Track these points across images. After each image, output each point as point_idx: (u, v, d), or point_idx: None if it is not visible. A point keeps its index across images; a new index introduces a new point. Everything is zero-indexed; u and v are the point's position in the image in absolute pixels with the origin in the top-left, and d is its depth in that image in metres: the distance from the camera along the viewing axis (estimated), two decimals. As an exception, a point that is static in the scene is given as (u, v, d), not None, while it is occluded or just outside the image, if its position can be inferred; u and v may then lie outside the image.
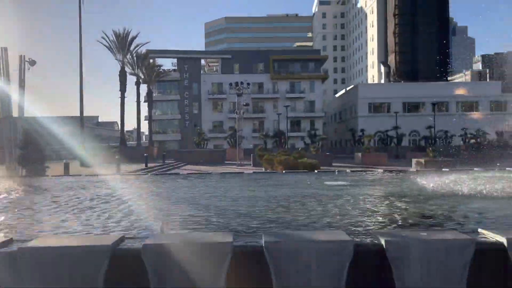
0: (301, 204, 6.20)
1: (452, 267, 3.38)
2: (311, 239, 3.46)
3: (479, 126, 58.99)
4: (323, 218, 5.10)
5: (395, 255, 3.40)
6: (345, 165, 32.41)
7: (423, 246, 3.40)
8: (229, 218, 5.27)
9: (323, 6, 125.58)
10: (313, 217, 5.15)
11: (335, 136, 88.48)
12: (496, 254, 3.44)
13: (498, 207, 6.04)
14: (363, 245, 3.49)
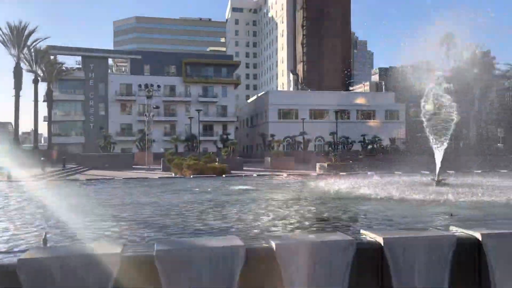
0: (200, 210, 6.17)
1: (336, 266, 3.62)
2: (204, 246, 3.46)
3: (376, 133, 64.18)
4: (219, 222, 5.13)
5: (284, 258, 3.54)
6: (255, 169, 33.13)
7: (310, 248, 3.58)
8: (124, 226, 5.06)
9: (236, 13, 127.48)
10: (209, 222, 5.16)
11: (247, 141, 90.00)
12: (374, 252, 3.75)
13: (382, 209, 6.62)
14: (255, 250, 3.57)
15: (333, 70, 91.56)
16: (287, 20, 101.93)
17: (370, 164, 33.79)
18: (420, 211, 6.39)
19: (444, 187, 9.17)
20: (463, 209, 6.38)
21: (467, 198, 7.29)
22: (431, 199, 7.38)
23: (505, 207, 6.59)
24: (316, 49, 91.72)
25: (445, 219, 5.34)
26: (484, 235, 3.76)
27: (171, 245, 3.50)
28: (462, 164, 23.11)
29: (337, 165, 27.98)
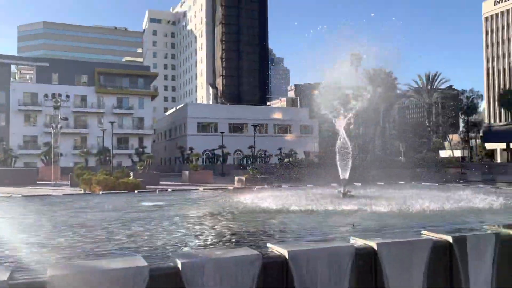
0: (103, 229, 5.83)
1: (242, 281, 3.63)
2: (103, 268, 3.26)
3: (292, 147, 66.61)
4: (125, 242, 4.91)
5: (190, 276, 3.47)
6: (172, 183, 32.36)
7: (216, 264, 3.56)
8: (12, 250, 4.59)
9: (153, 24, 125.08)
10: (113, 242, 4.91)
11: (165, 154, 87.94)
12: (280, 265, 3.84)
13: (292, 221, 6.84)
14: (159, 269, 3.46)
15: (251, 85, 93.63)
16: (206, 34, 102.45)
17: (286, 177, 34.89)
18: (326, 223, 6.70)
19: (349, 199, 9.74)
20: (365, 220, 6.82)
21: (368, 209, 7.82)
22: (337, 210, 7.79)
23: (400, 217, 7.16)
24: (235, 64, 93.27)
25: (348, 230, 5.65)
26: (379, 244, 4.04)
27: (66, 269, 3.25)
28: (368, 177, 24.80)
29: (254, 178, 28.41)
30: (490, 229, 4.64)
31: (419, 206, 7.96)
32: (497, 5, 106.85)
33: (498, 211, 7.76)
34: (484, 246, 4.34)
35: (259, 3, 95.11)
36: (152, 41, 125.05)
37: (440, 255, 4.24)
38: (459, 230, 4.87)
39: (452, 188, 13.01)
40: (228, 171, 50.40)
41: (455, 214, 7.32)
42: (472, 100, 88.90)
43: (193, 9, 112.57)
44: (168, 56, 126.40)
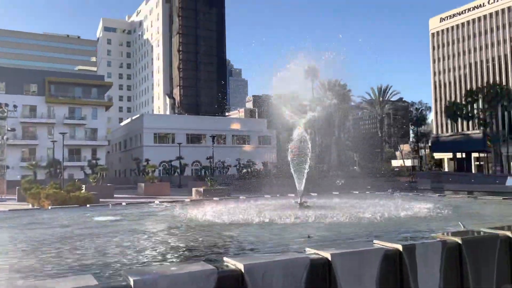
0: (54, 247, 5.55)
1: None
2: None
3: (250, 157, 66.84)
4: (76, 260, 4.70)
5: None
6: (127, 196, 31.47)
7: (170, 280, 3.48)
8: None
9: (108, 33, 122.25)
10: (64, 260, 4.69)
11: (120, 166, 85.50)
12: (236, 279, 3.81)
13: (249, 234, 6.83)
14: None
15: (209, 96, 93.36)
16: (163, 44, 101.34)
17: (244, 188, 34.95)
18: (282, 234, 6.74)
19: (305, 209, 9.88)
20: (320, 230, 6.93)
21: (323, 219, 7.96)
22: (293, 222, 7.87)
23: (354, 226, 7.34)
24: (193, 74, 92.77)
25: (304, 241, 5.72)
26: (333, 254, 4.11)
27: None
28: (324, 187, 25.28)
29: (213, 190, 28.18)
30: (438, 237, 4.84)
31: (372, 215, 8.20)
32: (443, 22, 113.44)
33: (445, 218, 8.14)
34: (432, 254, 4.52)
35: (216, 14, 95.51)
36: (107, 50, 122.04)
37: (391, 263, 4.37)
38: (409, 238, 5.05)
39: (403, 197, 13.51)
40: (186, 183, 49.71)
41: (406, 223, 7.60)
42: (421, 111, 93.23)
43: (149, 18, 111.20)
44: (123, 65, 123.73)
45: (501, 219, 7.95)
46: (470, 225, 6.48)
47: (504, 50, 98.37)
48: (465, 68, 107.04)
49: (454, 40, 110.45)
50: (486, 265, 4.75)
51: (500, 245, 4.82)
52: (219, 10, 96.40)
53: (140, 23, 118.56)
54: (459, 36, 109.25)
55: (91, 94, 75.43)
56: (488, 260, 4.76)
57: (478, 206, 10.41)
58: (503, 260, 4.84)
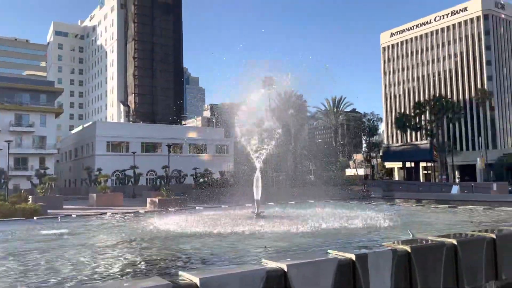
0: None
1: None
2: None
3: (207, 166, 66.22)
4: (21, 277, 4.43)
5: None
6: (77, 207, 30.15)
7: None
8: None
9: (59, 37, 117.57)
10: (7, 278, 4.41)
11: (71, 175, 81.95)
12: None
13: (205, 246, 6.75)
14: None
15: (165, 104, 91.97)
16: (117, 49, 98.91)
17: (201, 198, 34.49)
18: (239, 246, 6.72)
19: (262, 219, 9.91)
20: (276, 241, 6.98)
21: (279, 229, 8.03)
22: (250, 232, 7.87)
23: (309, 236, 7.45)
24: (149, 81, 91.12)
25: (260, 252, 5.73)
26: (289, 265, 4.15)
27: None
28: (281, 196, 25.50)
29: (168, 200, 27.57)
30: (388, 245, 5.01)
31: (327, 225, 8.37)
32: (393, 37, 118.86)
33: (396, 227, 8.45)
34: (383, 262, 4.67)
35: (174, 22, 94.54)
36: (58, 55, 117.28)
37: (345, 272, 4.48)
38: (362, 247, 5.19)
39: (357, 206, 13.90)
40: (140, 193, 48.45)
41: (359, 231, 7.82)
42: (373, 122, 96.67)
43: (103, 23, 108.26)
44: (75, 71, 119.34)
45: (447, 227, 8.36)
46: (418, 233, 6.77)
47: (449, 65, 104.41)
48: (414, 81, 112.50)
49: (404, 54, 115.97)
50: (433, 272, 4.97)
51: (446, 252, 5.07)
52: (176, 17, 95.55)
53: (94, 28, 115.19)
54: (408, 50, 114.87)
55: (39, 100, 72.04)
56: (435, 267, 4.99)
57: (426, 214, 10.89)
58: (449, 267, 5.09)
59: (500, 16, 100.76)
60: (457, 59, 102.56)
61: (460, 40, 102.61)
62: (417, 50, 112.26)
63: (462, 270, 5.17)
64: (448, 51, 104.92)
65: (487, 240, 5.49)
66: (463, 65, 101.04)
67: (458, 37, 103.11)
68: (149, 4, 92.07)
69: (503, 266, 5.54)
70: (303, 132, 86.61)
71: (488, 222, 8.81)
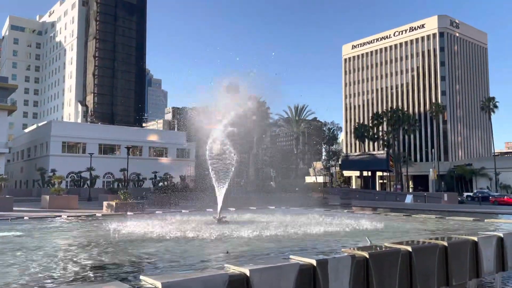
0: None
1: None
2: None
3: (167, 170, 65.26)
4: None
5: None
6: (29, 209, 28.81)
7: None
8: None
9: (15, 32, 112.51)
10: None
11: (22, 176, 78.24)
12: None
13: (167, 250, 6.66)
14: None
15: (126, 105, 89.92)
16: (77, 47, 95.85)
17: (161, 202, 33.93)
18: (201, 251, 6.68)
19: (224, 225, 9.90)
20: (238, 246, 7.00)
21: (241, 235, 8.05)
22: (212, 237, 7.85)
23: (271, 241, 7.52)
24: (109, 81, 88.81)
25: (222, 257, 5.73)
26: (251, 270, 4.19)
27: None
28: (242, 202, 25.53)
29: (126, 203, 26.90)
30: (347, 252, 5.16)
31: (288, 230, 8.48)
32: (354, 49, 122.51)
33: (354, 233, 8.69)
34: (342, 268, 4.81)
35: (137, 22, 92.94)
36: (13, 50, 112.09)
37: (306, 277, 4.57)
38: (322, 253, 5.31)
39: (316, 213, 14.16)
40: (96, 196, 47.02)
41: (319, 238, 7.98)
42: (333, 131, 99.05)
43: (63, 20, 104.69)
44: (31, 68, 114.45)
45: (402, 234, 8.69)
46: (375, 240, 6.99)
47: (406, 78, 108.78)
48: (373, 92, 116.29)
49: (364, 67, 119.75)
50: (389, 277, 5.16)
51: (402, 259, 5.28)
52: (139, 17, 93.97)
53: (53, 24, 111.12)
54: (368, 63, 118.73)
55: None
56: (391, 272, 5.19)
57: (382, 222, 11.26)
58: (404, 272, 5.30)
59: (455, 34, 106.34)
60: (413, 73, 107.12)
61: (417, 55, 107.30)
62: (377, 63, 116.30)
63: (416, 276, 5.40)
64: (405, 65, 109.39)
65: (440, 247, 5.77)
66: (419, 79, 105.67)
67: (415, 52, 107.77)
68: (112, 3, 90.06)
69: (453, 272, 5.84)
70: (265, 138, 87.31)
71: (440, 230, 9.24)
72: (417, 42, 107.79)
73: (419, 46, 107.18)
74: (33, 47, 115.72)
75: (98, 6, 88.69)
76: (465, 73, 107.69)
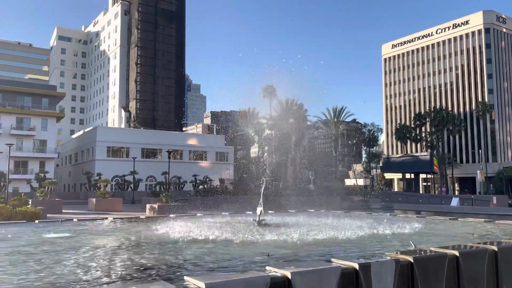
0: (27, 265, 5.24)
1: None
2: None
3: (207, 173, 66.25)
4: (20, 281, 4.47)
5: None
6: (77, 211, 30.15)
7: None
8: None
9: (62, 42, 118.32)
10: (15, 278, 4.45)
11: (70, 180, 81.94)
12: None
13: (209, 252, 6.79)
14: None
15: (166, 110, 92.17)
16: (120, 55, 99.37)
17: (201, 205, 34.52)
18: (242, 253, 6.75)
19: (263, 227, 9.95)
20: (279, 249, 7.01)
21: (281, 238, 8.06)
22: (252, 240, 7.90)
23: (311, 245, 7.48)
24: (150, 87, 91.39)
25: (263, 259, 5.76)
26: (293, 273, 4.19)
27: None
28: (280, 204, 25.51)
29: (168, 206, 27.61)
30: (391, 256, 5.05)
31: (329, 234, 8.40)
32: (394, 48, 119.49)
33: (398, 237, 8.48)
34: (385, 272, 4.71)
35: (176, 29, 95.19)
36: (60, 59, 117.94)
37: (348, 281, 4.52)
38: (365, 257, 5.23)
39: (357, 216, 13.92)
40: (139, 199, 48.43)
41: (361, 241, 7.85)
42: (373, 133, 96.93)
43: (107, 29, 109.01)
44: (77, 76, 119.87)
45: (449, 239, 8.39)
46: (420, 244, 6.80)
47: (450, 77, 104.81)
48: (414, 92, 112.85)
49: (405, 66, 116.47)
50: (435, 282, 5.00)
51: (448, 263, 5.11)
52: (179, 24, 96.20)
53: (97, 33, 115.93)
54: (409, 62, 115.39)
55: (41, 105, 72.27)
56: (437, 278, 5.02)
57: (426, 225, 10.92)
58: (451, 278, 5.12)
59: (502, 29, 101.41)
60: (458, 71, 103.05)
61: (461, 52, 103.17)
62: (418, 62, 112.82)
63: (463, 282, 5.20)
64: (449, 64, 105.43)
65: (489, 252, 5.53)
66: (464, 78, 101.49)
67: (459, 50, 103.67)
68: (153, 11, 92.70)
69: (504, 278, 5.58)
70: (303, 141, 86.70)
71: (490, 235, 8.85)
72: (461, 39, 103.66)
73: (463, 43, 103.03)
74: (79, 56, 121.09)
75: (139, 14, 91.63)
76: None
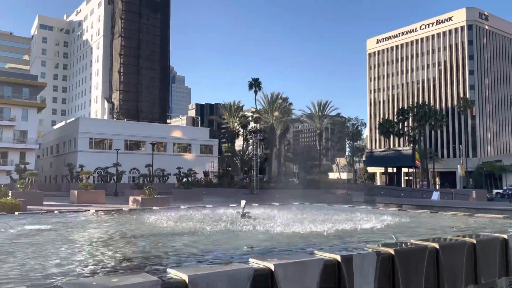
0: None
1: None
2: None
3: (191, 166, 66.04)
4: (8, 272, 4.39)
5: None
6: (58, 203, 29.73)
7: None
8: None
9: (44, 31, 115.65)
10: None
11: (52, 171, 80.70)
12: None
13: (192, 244, 6.77)
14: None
15: (150, 102, 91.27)
16: (103, 45, 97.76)
17: (185, 197, 34.43)
18: (226, 245, 6.76)
19: (247, 220, 9.98)
20: (262, 241, 7.04)
21: (265, 229, 8.09)
22: (236, 232, 7.92)
23: (294, 237, 7.54)
24: (134, 78, 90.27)
25: (247, 252, 5.78)
26: (276, 265, 4.22)
27: None
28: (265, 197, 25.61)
29: (151, 198, 27.43)
30: (372, 248, 5.12)
31: (313, 226, 8.47)
32: (379, 43, 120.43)
33: (379, 230, 8.61)
34: (367, 264, 4.78)
35: (161, 20, 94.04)
36: (42, 48, 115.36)
37: (330, 272, 4.57)
38: (347, 249, 5.29)
39: (340, 209, 14.07)
40: (122, 191, 47.99)
41: (344, 234, 7.94)
42: (357, 127, 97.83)
43: (89, 19, 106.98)
44: (59, 66, 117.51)
45: (430, 231, 8.54)
46: (401, 237, 6.91)
47: (433, 73, 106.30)
48: (398, 87, 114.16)
49: (389, 61, 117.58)
50: (416, 275, 5.10)
51: (428, 256, 5.20)
52: (163, 15, 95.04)
53: (80, 23, 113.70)
54: (393, 57, 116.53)
55: (22, 94, 70.76)
56: (418, 270, 5.12)
57: (408, 219, 11.10)
58: (431, 270, 5.23)
59: (484, 26, 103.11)
60: (440, 67, 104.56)
61: (444, 49, 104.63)
62: (402, 57, 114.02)
63: (443, 274, 5.31)
64: (432, 59, 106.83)
65: (468, 245, 5.65)
66: (447, 74, 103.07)
67: (442, 46, 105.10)
68: (137, 1, 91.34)
69: (482, 270, 5.71)
70: (288, 134, 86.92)
71: (469, 228, 9.05)
72: (444, 35, 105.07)
73: (446, 39, 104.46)
74: (61, 45, 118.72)
75: (123, 4, 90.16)
76: (494, 66, 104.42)
